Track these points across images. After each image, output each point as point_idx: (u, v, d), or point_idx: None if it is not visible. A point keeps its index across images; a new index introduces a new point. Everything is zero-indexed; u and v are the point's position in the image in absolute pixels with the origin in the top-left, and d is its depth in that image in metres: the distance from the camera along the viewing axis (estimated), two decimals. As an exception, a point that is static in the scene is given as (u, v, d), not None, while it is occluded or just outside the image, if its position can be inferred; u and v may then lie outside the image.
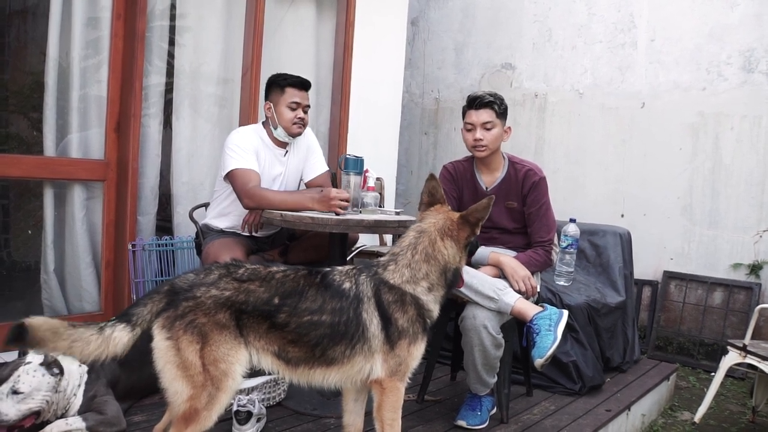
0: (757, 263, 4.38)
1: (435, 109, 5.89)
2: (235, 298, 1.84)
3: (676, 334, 4.62)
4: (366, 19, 4.28)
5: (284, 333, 1.88)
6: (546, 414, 2.80)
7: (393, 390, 1.98)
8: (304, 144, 3.07)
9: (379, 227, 2.57)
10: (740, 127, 4.46)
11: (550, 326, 2.34)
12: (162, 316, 1.79)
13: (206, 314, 1.80)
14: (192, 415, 1.78)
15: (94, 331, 1.73)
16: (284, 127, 2.91)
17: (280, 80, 2.92)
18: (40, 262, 3.19)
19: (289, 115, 2.89)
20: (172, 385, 1.78)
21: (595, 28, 5.03)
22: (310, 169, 3.09)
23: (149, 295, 1.84)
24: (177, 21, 3.51)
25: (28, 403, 2.04)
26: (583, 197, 5.04)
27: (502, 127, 2.69)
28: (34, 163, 3.08)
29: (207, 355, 1.78)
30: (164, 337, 1.78)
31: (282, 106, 2.89)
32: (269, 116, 2.94)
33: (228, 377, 1.81)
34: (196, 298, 1.81)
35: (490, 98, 2.65)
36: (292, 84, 2.90)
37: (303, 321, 1.88)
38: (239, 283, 1.87)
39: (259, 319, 1.86)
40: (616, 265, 3.62)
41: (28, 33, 4.57)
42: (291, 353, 1.90)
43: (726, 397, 3.87)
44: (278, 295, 1.88)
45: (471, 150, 2.69)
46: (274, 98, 2.92)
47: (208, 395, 1.79)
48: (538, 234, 2.71)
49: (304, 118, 2.93)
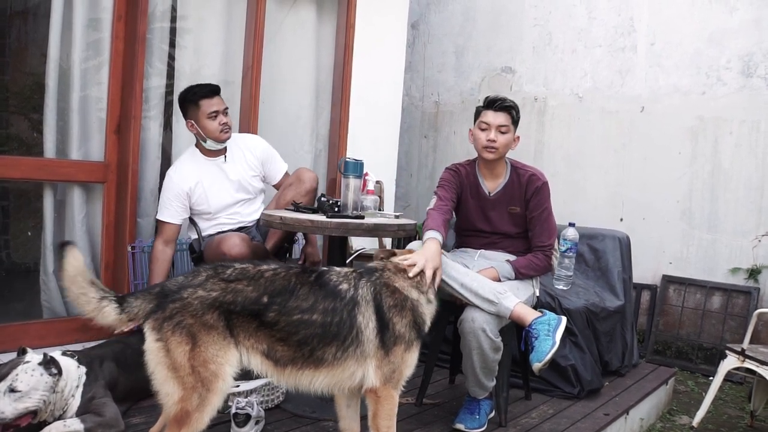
0: (755, 268, 4.38)
1: (435, 112, 5.90)
2: (222, 299, 1.85)
3: (675, 339, 4.62)
4: (366, 21, 4.29)
5: (273, 331, 1.88)
6: (544, 418, 2.80)
7: (388, 398, 1.98)
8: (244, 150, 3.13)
9: (379, 230, 2.58)
10: (739, 131, 4.46)
11: (549, 331, 2.33)
12: (151, 317, 1.82)
13: (193, 315, 1.81)
14: (183, 417, 1.79)
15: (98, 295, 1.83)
16: (213, 138, 2.98)
17: (190, 96, 2.98)
18: (39, 264, 3.19)
19: (212, 125, 2.95)
20: (163, 386, 1.81)
21: (595, 31, 5.04)
22: (277, 172, 3.23)
23: (143, 292, 1.90)
24: (178, 23, 3.52)
25: (25, 402, 2.04)
26: (583, 201, 5.05)
27: (513, 134, 2.70)
28: (34, 164, 3.08)
29: (196, 357, 1.80)
30: (154, 339, 1.80)
31: (203, 119, 2.94)
32: (195, 133, 3.00)
33: (218, 378, 1.82)
34: (183, 300, 1.82)
35: (510, 103, 2.68)
36: (203, 96, 2.95)
37: (292, 319, 1.88)
38: (226, 284, 1.88)
39: (248, 318, 1.87)
40: (615, 269, 3.63)
41: (29, 34, 4.58)
42: (279, 352, 1.89)
43: (724, 402, 3.88)
44: (267, 293, 1.88)
45: (481, 150, 2.68)
46: (192, 115, 2.98)
47: (198, 397, 1.79)
48: (539, 239, 2.72)
49: (227, 122, 2.99)
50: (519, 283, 2.65)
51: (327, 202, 2.63)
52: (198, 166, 3.02)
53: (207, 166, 3.03)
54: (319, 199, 2.68)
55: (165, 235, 2.95)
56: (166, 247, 2.93)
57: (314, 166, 4.30)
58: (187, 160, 3.05)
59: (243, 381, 2.52)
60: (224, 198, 3.04)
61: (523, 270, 2.67)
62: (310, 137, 4.24)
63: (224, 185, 3.04)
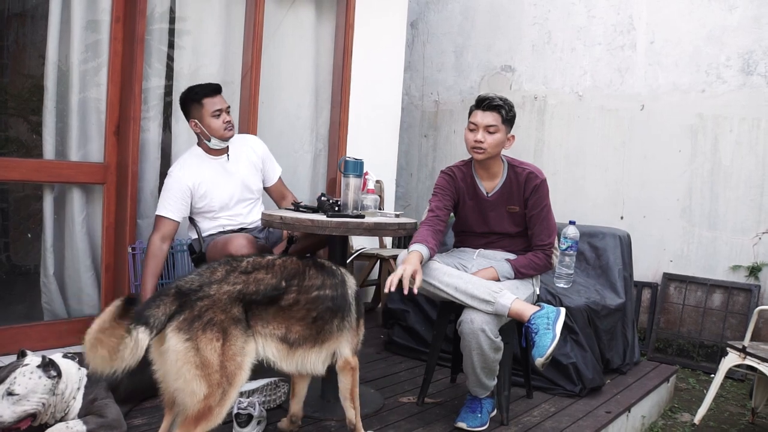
0: (756, 265, 4.38)
1: (434, 111, 5.90)
2: (246, 290, 1.91)
3: (676, 336, 4.62)
4: (365, 20, 4.29)
5: (292, 312, 2.00)
6: (546, 416, 2.80)
7: (356, 367, 2.21)
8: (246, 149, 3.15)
9: (379, 230, 2.58)
10: (739, 129, 4.46)
11: (549, 324, 2.33)
12: (176, 319, 1.78)
13: (224, 311, 1.84)
14: (206, 413, 1.79)
15: (126, 333, 1.66)
16: (217, 137, 2.99)
17: (192, 95, 2.98)
18: (39, 266, 3.19)
19: (216, 123, 2.96)
20: (189, 385, 1.78)
21: (595, 30, 5.04)
22: (274, 173, 3.24)
23: (159, 297, 1.81)
24: (176, 24, 3.52)
25: (24, 405, 2.03)
26: (583, 199, 5.05)
27: (505, 133, 2.63)
28: (34, 166, 3.08)
29: (226, 351, 1.82)
30: (182, 339, 1.76)
31: (207, 118, 2.95)
32: (198, 132, 3.00)
33: (242, 370, 1.87)
34: (211, 296, 1.83)
35: (498, 102, 2.59)
36: (206, 94, 2.96)
37: (311, 296, 2.05)
38: (247, 275, 1.94)
39: (266, 305, 1.95)
40: (615, 267, 3.62)
41: (27, 36, 4.58)
42: (296, 333, 2.01)
43: (725, 399, 3.87)
44: (284, 278, 2.01)
45: (469, 150, 2.66)
46: (195, 114, 2.98)
47: (221, 392, 1.81)
48: (539, 237, 2.70)
49: (230, 120, 3.01)
50: (519, 282, 2.64)
51: (327, 202, 2.63)
52: (201, 163, 3.02)
53: (211, 164, 3.03)
54: (320, 198, 2.68)
55: (163, 231, 2.92)
56: (162, 244, 2.91)
57: (314, 166, 4.30)
58: (191, 158, 3.04)
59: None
60: (228, 196, 3.03)
61: (522, 269, 2.66)
62: (309, 137, 4.24)
63: (228, 183, 3.04)
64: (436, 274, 2.49)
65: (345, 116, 4.27)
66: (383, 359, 3.50)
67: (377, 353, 3.59)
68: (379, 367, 3.35)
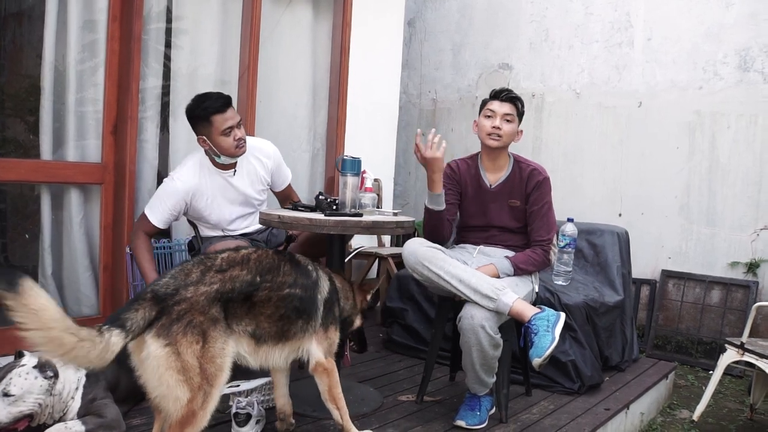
0: (754, 261, 4.38)
1: (432, 109, 5.89)
2: (223, 289, 1.87)
3: (675, 333, 4.63)
4: (363, 19, 4.28)
5: (263, 309, 1.98)
6: (545, 413, 2.80)
7: (333, 368, 2.20)
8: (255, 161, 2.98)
9: (377, 228, 2.57)
10: (737, 126, 4.46)
11: (548, 327, 2.33)
12: (155, 325, 1.74)
13: (202, 312, 1.81)
14: (190, 418, 1.77)
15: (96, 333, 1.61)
16: (227, 155, 2.80)
17: (199, 112, 2.74)
18: (37, 266, 3.18)
19: (227, 142, 2.75)
20: (173, 391, 1.75)
21: (592, 27, 5.04)
22: (284, 179, 3.14)
23: (137, 302, 1.77)
24: (173, 23, 3.51)
25: (20, 406, 2.03)
26: (581, 197, 5.05)
27: (518, 125, 2.74)
28: (31, 166, 3.07)
29: (205, 354, 1.79)
30: (162, 345, 1.73)
31: (216, 136, 2.73)
32: (207, 149, 2.80)
33: (222, 372, 1.84)
34: (188, 299, 1.80)
35: (515, 94, 2.74)
36: (215, 111, 2.71)
37: (283, 294, 2.02)
38: (222, 274, 1.91)
39: (240, 302, 1.92)
40: (614, 264, 3.63)
41: (24, 36, 4.56)
42: (264, 330, 1.99)
43: (724, 395, 3.88)
44: (258, 273, 1.98)
45: (485, 138, 2.70)
46: (203, 131, 2.75)
47: (203, 395, 1.79)
48: (538, 233, 2.72)
49: (242, 137, 2.78)
50: (518, 279, 2.65)
51: (325, 200, 2.63)
52: (204, 176, 2.86)
53: (214, 179, 2.88)
54: (317, 197, 2.68)
55: (147, 228, 2.81)
56: (147, 237, 2.82)
57: (312, 165, 4.30)
58: (194, 167, 2.86)
59: (243, 380, 2.52)
60: (226, 213, 2.94)
61: (521, 265, 2.67)
62: (307, 136, 4.24)
63: (228, 200, 2.92)
64: (442, 263, 2.49)
65: (343, 115, 4.27)
66: (382, 358, 3.50)
67: (376, 351, 3.59)
68: (378, 365, 3.35)
